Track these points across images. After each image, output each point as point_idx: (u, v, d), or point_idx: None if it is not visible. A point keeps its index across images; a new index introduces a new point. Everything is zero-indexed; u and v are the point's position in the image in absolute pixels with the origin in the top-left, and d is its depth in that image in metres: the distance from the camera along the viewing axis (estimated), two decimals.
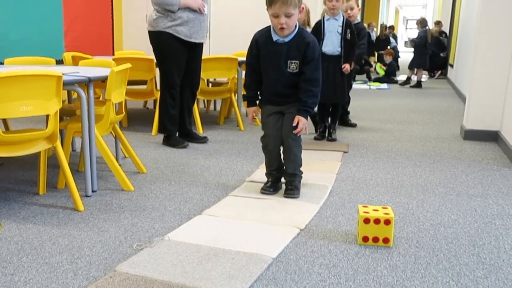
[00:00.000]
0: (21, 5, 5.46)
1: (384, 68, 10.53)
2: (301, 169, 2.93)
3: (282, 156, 2.90)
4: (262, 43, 2.78)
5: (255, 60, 2.82)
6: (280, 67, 2.74)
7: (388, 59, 10.52)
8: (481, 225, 2.48)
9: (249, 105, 2.92)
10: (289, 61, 2.73)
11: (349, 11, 4.54)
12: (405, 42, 25.81)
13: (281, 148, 2.89)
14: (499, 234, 2.37)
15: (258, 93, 2.92)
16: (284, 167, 2.90)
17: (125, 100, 4.34)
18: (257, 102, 2.93)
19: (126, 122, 5.04)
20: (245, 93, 2.95)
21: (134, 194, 2.91)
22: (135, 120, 5.34)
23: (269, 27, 2.77)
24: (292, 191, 2.84)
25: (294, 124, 2.73)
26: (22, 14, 5.50)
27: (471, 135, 4.59)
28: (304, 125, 2.73)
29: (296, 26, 2.72)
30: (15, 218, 2.48)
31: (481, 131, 4.54)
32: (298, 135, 2.80)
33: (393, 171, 3.46)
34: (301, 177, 2.95)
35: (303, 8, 2.71)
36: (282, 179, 2.97)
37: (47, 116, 2.57)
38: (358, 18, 4.73)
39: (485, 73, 4.46)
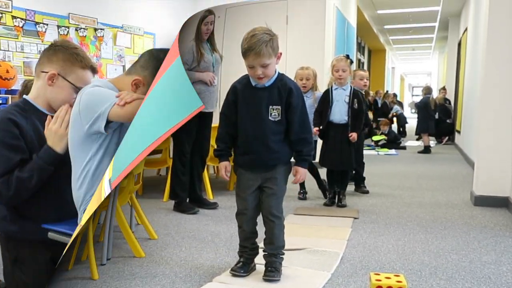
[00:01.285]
0: None
1: (386, 137, 10.59)
2: (309, 238, 2.80)
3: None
4: (240, 88, 2.54)
5: (232, 108, 2.55)
6: (261, 114, 2.48)
7: (384, 128, 10.70)
8: None
9: (221, 160, 2.59)
10: (270, 107, 2.47)
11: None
12: (409, 104, 26.79)
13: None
14: None
15: (231, 148, 2.62)
16: (263, 247, 2.60)
17: None
18: (229, 157, 2.62)
19: (141, 190, 5.07)
20: (215, 147, 2.62)
21: (145, 260, 2.91)
22: (147, 186, 5.38)
23: (247, 74, 2.54)
24: (272, 273, 2.52)
25: (293, 175, 2.54)
26: None
27: (481, 201, 4.57)
28: (303, 175, 2.54)
29: (275, 71, 2.50)
30: None
31: (491, 197, 4.53)
32: (282, 211, 2.58)
33: (404, 238, 3.45)
34: (282, 258, 2.61)
35: (280, 54, 2.46)
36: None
37: None
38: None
39: (491, 139, 4.50)
